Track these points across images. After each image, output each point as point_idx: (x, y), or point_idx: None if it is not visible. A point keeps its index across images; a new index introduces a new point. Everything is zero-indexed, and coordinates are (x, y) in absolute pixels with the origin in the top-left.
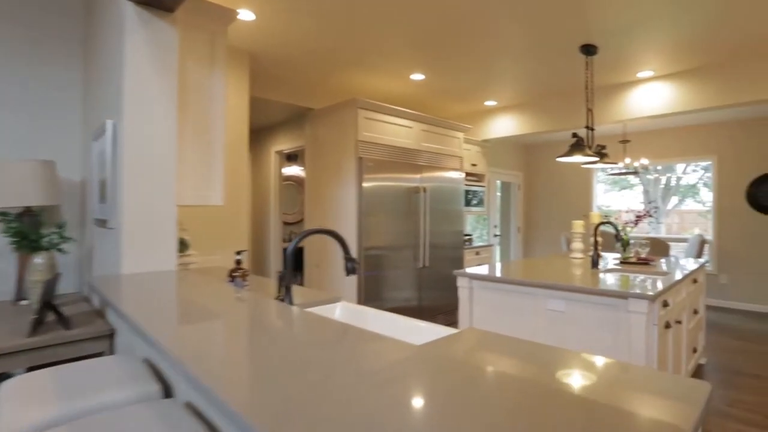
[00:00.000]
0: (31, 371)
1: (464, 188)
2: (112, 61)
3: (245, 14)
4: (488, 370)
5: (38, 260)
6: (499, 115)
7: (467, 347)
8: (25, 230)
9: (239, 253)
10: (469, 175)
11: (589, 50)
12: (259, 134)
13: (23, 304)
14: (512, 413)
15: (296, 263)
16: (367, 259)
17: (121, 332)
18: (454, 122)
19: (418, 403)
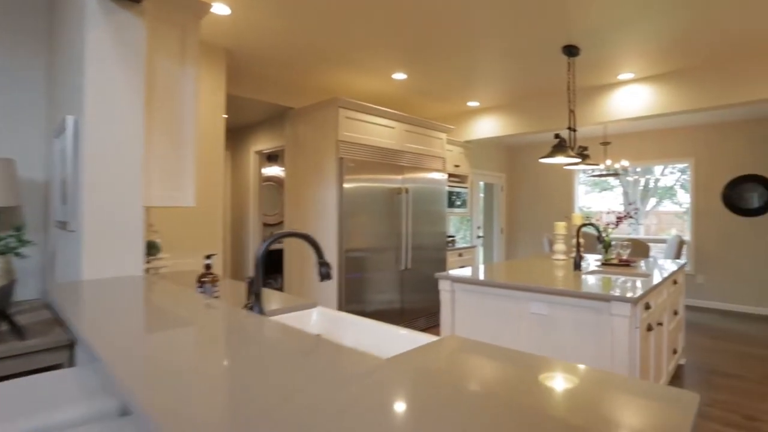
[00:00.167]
0: None
1: (447, 189)
2: (73, 53)
3: (219, 8)
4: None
5: None
6: (481, 116)
7: (441, 360)
8: None
9: (209, 257)
10: (452, 176)
11: (571, 51)
12: (238, 134)
13: None
14: None
15: (275, 266)
16: (348, 261)
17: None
18: (436, 123)
19: None
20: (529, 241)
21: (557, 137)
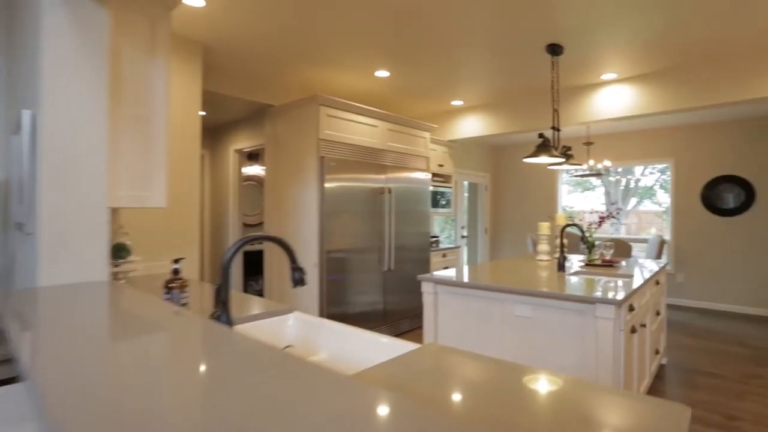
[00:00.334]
0: None
1: (431, 189)
2: (29, 43)
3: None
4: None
5: None
6: (465, 115)
7: (415, 374)
8: None
9: (177, 261)
10: (435, 175)
11: (555, 50)
12: (217, 132)
13: None
14: None
15: (256, 268)
16: (329, 262)
17: None
18: (420, 122)
19: None
20: (513, 241)
21: (541, 137)
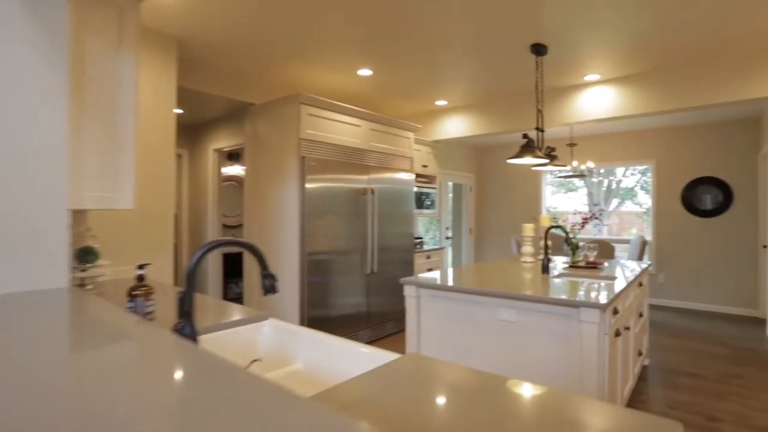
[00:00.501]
0: None
1: (415, 190)
2: None
3: None
4: None
5: None
6: (450, 115)
7: (390, 389)
8: None
9: (142, 266)
10: (419, 176)
11: (539, 50)
12: (196, 131)
13: None
14: None
15: (237, 270)
16: (311, 264)
17: None
18: (404, 122)
19: None
20: (497, 241)
21: (525, 137)
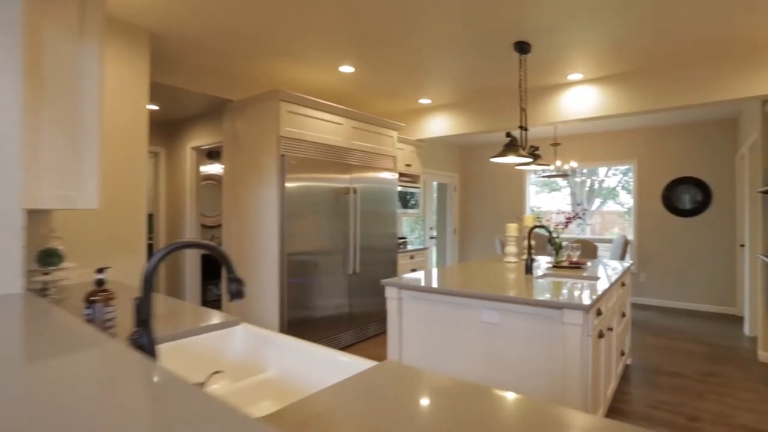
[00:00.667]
0: None
1: (399, 189)
2: None
3: None
4: None
5: None
6: (433, 113)
7: (361, 402)
8: None
9: (101, 270)
10: (403, 175)
11: (522, 48)
12: (173, 128)
13: None
14: None
15: (215, 272)
16: (291, 265)
17: None
18: (387, 120)
19: None
20: (482, 241)
21: (508, 136)
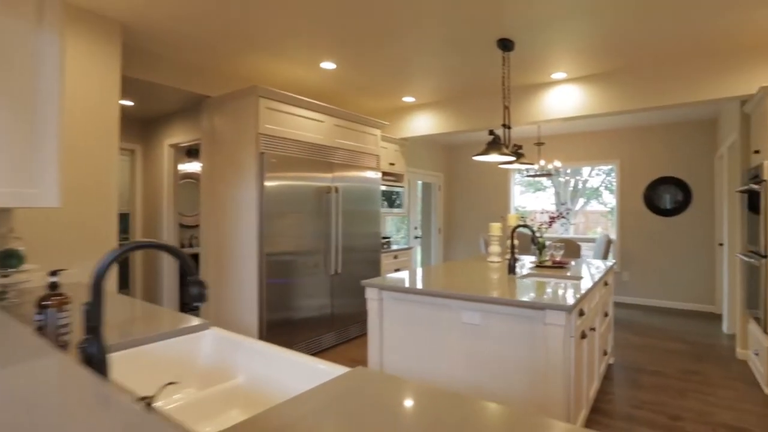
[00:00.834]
0: None
1: (383, 189)
2: None
3: None
4: None
5: None
6: (417, 112)
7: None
8: None
9: (54, 273)
10: (387, 174)
11: (505, 45)
12: (149, 124)
13: None
14: None
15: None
16: (270, 265)
17: None
18: (370, 118)
19: None
20: (467, 240)
21: (491, 134)
